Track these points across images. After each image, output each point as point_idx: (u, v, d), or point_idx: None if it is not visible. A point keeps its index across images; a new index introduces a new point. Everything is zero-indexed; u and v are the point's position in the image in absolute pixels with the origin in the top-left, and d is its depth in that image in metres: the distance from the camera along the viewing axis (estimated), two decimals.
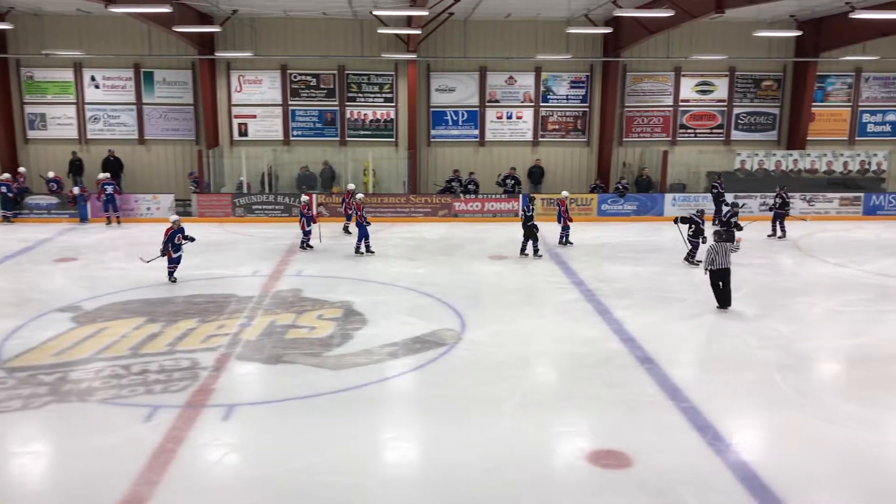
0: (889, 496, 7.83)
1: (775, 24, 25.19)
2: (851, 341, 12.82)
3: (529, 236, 18.66)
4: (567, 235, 20.12)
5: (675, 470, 8.27)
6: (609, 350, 12.11)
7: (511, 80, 26.46)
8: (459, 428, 9.30)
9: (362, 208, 19.16)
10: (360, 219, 19.03)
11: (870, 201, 24.95)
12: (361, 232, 19.07)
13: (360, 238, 19.09)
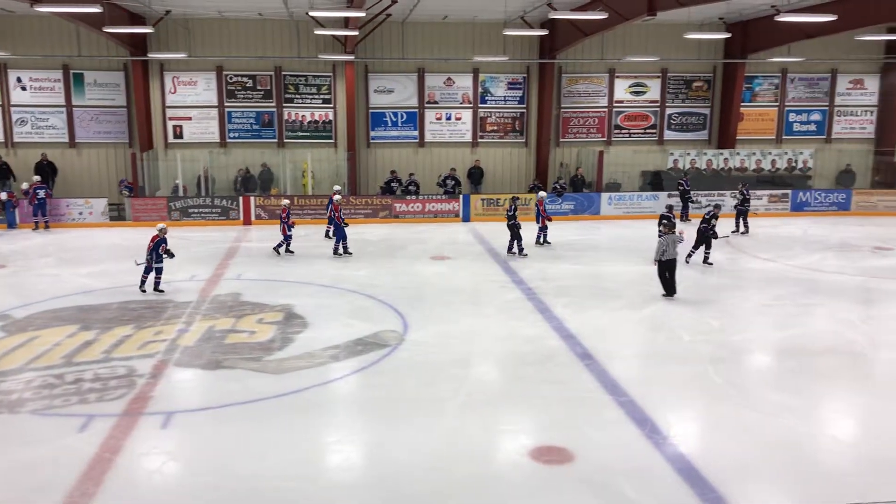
0: (818, 482, 8.13)
1: (705, 26, 25.87)
2: (781, 334, 13.25)
3: (514, 235, 18.90)
4: (545, 235, 20.39)
5: (615, 464, 8.44)
6: (550, 347, 12.28)
7: (449, 81, 26.58)
8: (403, 429, 9.31)
9: (340, 209, 19.18)
10: (338, 220, 19.06)
11: (797, 198, 25.82)
12: (339, 233, 19.09)
13: (338, 239, 19.12)
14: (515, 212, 18.86)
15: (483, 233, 22.41)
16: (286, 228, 18.97)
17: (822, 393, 10.67)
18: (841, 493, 7.61)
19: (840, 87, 28.44)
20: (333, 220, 19.39)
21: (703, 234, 17.58)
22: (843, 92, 28.51)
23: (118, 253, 19.22)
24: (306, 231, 22.58)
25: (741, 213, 21.98)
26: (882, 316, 14.53)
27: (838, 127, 28.72)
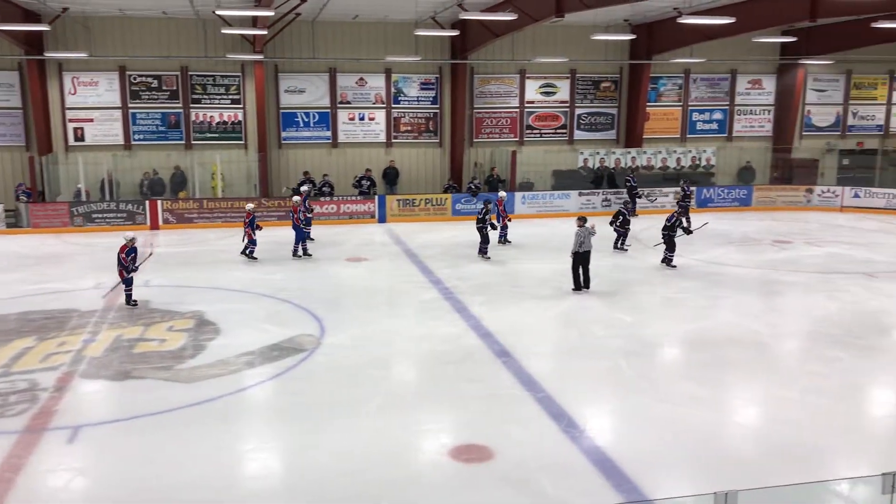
0: (727, 469, 8.43)
1: (611, 28, 26.52)
2: (689, 326, 13.71)
3: (483, 237, 18.93)
4: (506, 234, 20.51)
5: (534, 459, 8.55)
6: (468, 346, 12.36)
7: (362, 81, 26.44)
8: (322, 433, 9.21)
9: (299, 210, 18.99)
10: (297, 221, 18.92)
11: (701, 194, 26.76)
12: (298, 234, 18.95)
13: (297, 240, 18.98)
14: (486, 214, 18.82)
15: (399, 233, 22.39)
16: (251, 233, 18.42)
17: (729, 382, 11.09)
18: (747, 477, 7.91)
19: (740, 86, 29.62)
20: (293, 221, 19.24)
21: (670, 239, 17.76)
22: (743, 92, 29.71)
23: (16, 262, 18.36)
24: (216, 234, 22.08)
25: (682, 208, 22.93)
26: (782, 307, 15.21)
27: (738, 125, 29.91)
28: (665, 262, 17.88)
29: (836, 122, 30.72)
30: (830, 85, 30.43)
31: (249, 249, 18.71)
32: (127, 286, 14.62)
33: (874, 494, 5.41)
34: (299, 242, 19.06)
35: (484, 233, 18.91)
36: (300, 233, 19.02)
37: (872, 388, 11.18)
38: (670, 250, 17.80)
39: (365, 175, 25.42)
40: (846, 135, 30.78)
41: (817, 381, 11.02)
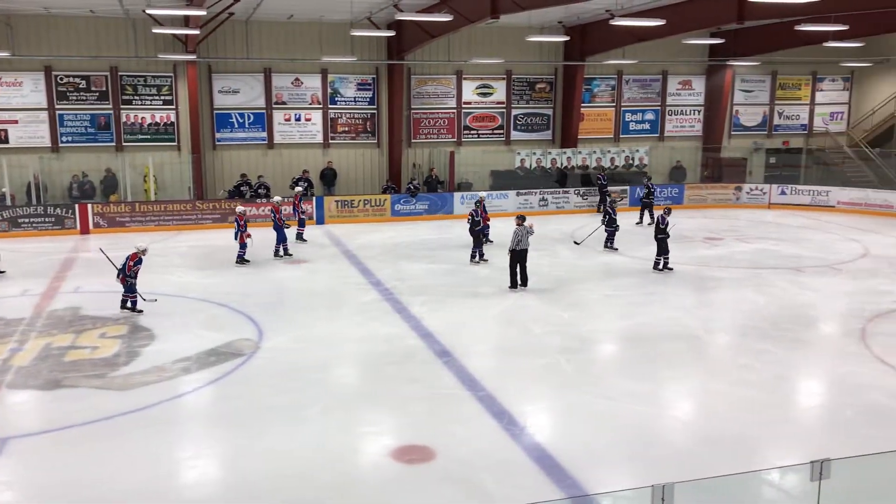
0: (664, 461, 8.64)
1: (545, 29, 26.83)
2: (625, 322, 13.98)
3: (476, 241, 18.48)
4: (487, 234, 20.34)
5: (476, 458, 8.61)
6: (409, 347, 12.36)
7: (298, 81, 26.17)
8: (262, 439, 9.10)
9: (281, 211, 19.02)
10: (279, 221, 18.88)
11: (635, 193, 27.30)
12: (279, 235, 18.99)
13: (279, 241, 18.99)
14: (480, 217, 18.46)
15: (338, 235, 22.24)
16: (243, 237, 18.03)
17: (664, 376, 11.34)
18: (683, 469, 8.11)
19: (670, 87, 30.30)
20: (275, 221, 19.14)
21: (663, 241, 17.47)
22: (674, 92, 30.40)
23: None
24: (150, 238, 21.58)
25: (645, 205, 23.80)
26: (714, 302, 15.63)
27: (670, 125, 30.59)
28: (662, 267, 17.49)
29: (763, 121, 31.70)
30: (757, 86, 31.39)
31: (241, 254, 18.35)
32: (131, 293, 14.14)
33: (803, 482, 5.61)
34: (280, 243, 19.05)
35: (479, 237, 18.49)
36: (281, 233, 18.99)
37: (800, 379, 11.59)
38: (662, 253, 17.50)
39: (302, 177, 25.18)
40: (773, 134, 31.78)
41: (748, 373, 11.36)
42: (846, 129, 32.22)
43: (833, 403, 10.56)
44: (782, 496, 6.67)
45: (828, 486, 5.49)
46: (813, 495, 5.55)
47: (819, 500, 5.54)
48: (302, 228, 21.25)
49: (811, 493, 5.55)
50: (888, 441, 8.68)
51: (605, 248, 19.78)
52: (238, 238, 18.09)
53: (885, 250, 19.88)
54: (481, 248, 18.56)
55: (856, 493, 6.11)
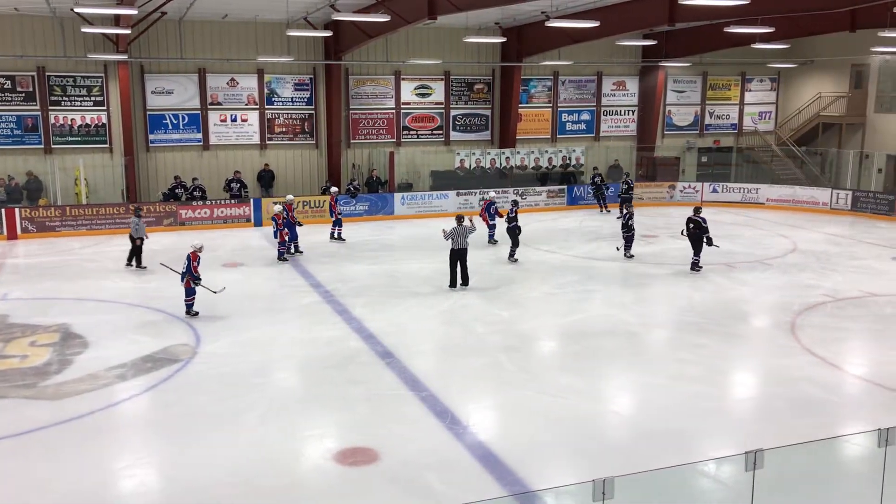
0: (605, 456, 8.79)
1: (482, 30, 26.99)
2: (565, 320, 14.17)
3: (513, 240, 18.50)
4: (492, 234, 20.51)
5: (420, 458, 8.63)
6: (351, 349, 12.30)
7: (233, 82, 25.78)
8: (201, 446, 8.94)
9: (293, 209, 19.40)
10: (292, 219, 19.23)
11: (572, 192, 27.68)
12: (292, 233, 19.22)
13: (291, 239, 19.22)
14: (517, 215, 18.58)
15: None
16: (283, 234, 18.69)
17: (603, 372, 11.54)
18: (624, 463, 8.27)
19: (605, 88, 30.80)
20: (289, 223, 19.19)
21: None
22: (608, 93, 30.91)
23: None
24: (82, 243, 21.00)
25: (624, 200, 24.13)
26: (650, 298, 15.96)
27: (605, 125, 31.09)
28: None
29: (695, 121, 32.47)
30: (688, 86, 32.13)
31: (286, 250, 18.99)
32: (190, 296, 14.04)
33: (738, 472, 5.77)
34: (293, 241, 19.36)
35: (516, 235, 18.47)
36: (293, 231, 19.30)
37: (734, 372, 11.92)
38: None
39: (234, 178, 24.80)
40: (704, 133, 32.58)
41: (684, 367, 11.64)
42: (774, 129, 33.24)
43: (765, 395, 10.89)
44: (719, 487, 6.85)
45: (761, 476, 5.67)
46: (747, 485, 5.71)
47: (753, 490, 5.70)
48: (339, 228, 21.50)
49: (746, 483, 5.71)
50: (817, 429, 9.00)
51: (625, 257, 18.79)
52: (277, 236, 18.81)
53: (812, 245, 20.58)
54: (516, 247, 18.61)
55: (788, 482, 6.32)
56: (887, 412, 9.84)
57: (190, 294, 14.02)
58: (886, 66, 28.95)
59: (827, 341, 12.77)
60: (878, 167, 28.34)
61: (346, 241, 21.26)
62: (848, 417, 9.94)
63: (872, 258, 18.98)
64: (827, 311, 14.56)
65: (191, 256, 13.92)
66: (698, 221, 17.43)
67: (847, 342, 13.08)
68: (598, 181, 26.79)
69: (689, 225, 17.57)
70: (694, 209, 18.01)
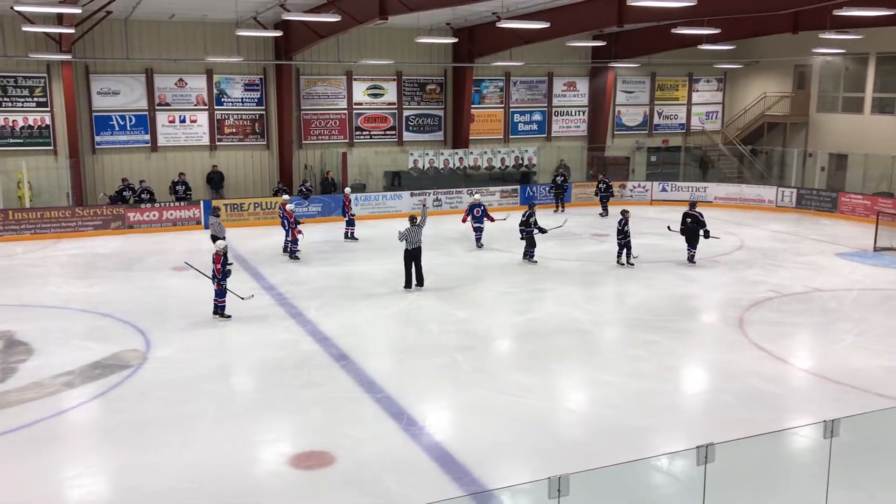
0: (560, 453, 8.86)
1: (434, 31, 27.01)
2: (519, 319, 14.26)
3: (529, 242, 18.39)
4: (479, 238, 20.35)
5: (376, 460, 8.60)
6: (305, 352, 12.20)
7: (182, 82, 25.37)
8: (153, 452, 8.78)
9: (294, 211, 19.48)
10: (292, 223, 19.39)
11: (525, 192, 27.86)
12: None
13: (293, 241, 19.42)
14: (534, 218, 18.41)
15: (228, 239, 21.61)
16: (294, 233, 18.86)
17: (558, 370, 11.64)
18: (579, 460, 8.34)
19: (556, 89, 31.06)
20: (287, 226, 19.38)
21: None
22: (559, 94, 31.18)
23: None
24: (25, 247, 20.47)
25: (604, 198, 24.69)
26: (602, 296, 16.16)
27: (556, 126, 31.36)
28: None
29: (644, 121, 32.95)
30: (637, 87, 32.59)
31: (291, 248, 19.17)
32: (221, 297, 13.94)
33: (690, 466, 5.87)
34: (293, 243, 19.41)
35: (531, 237, 18.36)
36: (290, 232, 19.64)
37: (685, 368, 12.13)
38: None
39: (179, 179, 24.39)
40: (653, 133, 33.08)
41: (636, 364, 11.80)
42: (721, 128, 33.90)
43: (715, 390, 11.10)
44: (671, 481, 6.96)
45: (713, 469, 5.77)
46: (699, 479, 5.81)
47: (705, 483, 5.81)
48: (352, 228, 21.62)
49: (698, 477, 5.81)
50: (766, 423, 9.19)
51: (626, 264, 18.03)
52: (290, 234, 18.93)
53: (758, 242, 21.04)
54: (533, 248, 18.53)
55: (738, 475, 6.45)
56: (832, 404, 10.10)
57: (221, 295, 13.94)
58: (827, 66, 29.75)
59: (774, 336, 13.07)
60: (821, 165, 29.12)
61: (358, 241, 21.33)
62: (795, 410, 10.19)
63: (816, 254, 19.49)
64: (773, 306, 14.90)
65: (214, 258, 13.87)
66: (695, 216, 17.90)
67: (793, 336, 13.41)
68: (559, 180, 26.97)
69: (687, 220, 18.00)
70: (690, 204, 18.54)
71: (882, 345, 12.57)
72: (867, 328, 13.48)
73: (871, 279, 17.03)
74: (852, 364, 11.69)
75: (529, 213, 18.55)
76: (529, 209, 18.73)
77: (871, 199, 24.56)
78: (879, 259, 18.89)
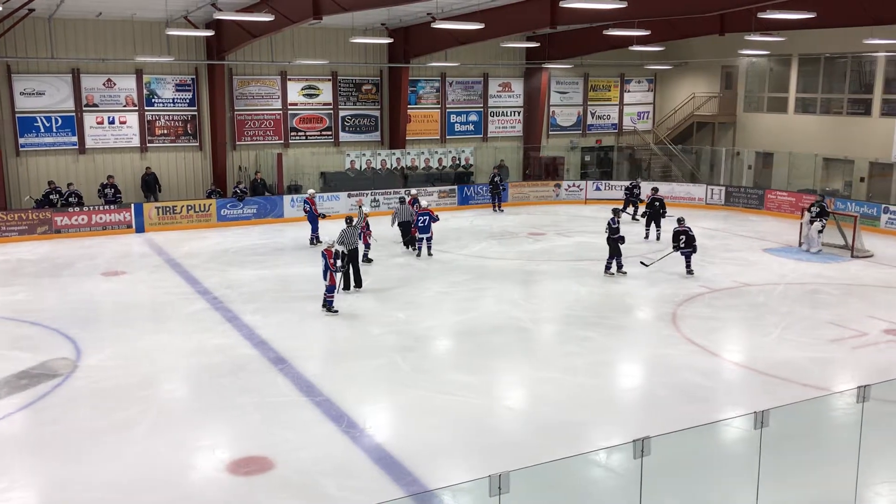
0: (500, 451, 8.93)
1: (369, 31, 26.91)
2: (458, 318, 14.31)
3: (615, 251, 17.05)
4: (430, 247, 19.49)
5: (315, 464, 8.53)
6: (242, 356, 12.02)
7: (110, 83, 24.69)
8: (85, 463, 8.54)
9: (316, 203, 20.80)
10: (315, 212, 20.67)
11: (463, 192, 27.98)
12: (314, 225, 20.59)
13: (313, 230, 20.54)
14: (619, 224, 17.17)
15: (160, 243, 21.20)
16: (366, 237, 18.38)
17: (497, 368, 11.73)
18: (518, 457, 8.41)
19: (492, 89, 31.27)
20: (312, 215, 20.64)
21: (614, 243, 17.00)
22: (495, 94, 31.40)
23: None
24: None
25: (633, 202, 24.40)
26: (539, 294, 16.34)
27: (493, 126, 31.57)
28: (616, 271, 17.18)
29: (578, 121, 33.42)
30: (571, 87, 33.04)
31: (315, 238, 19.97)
32: (331, 292, 14.26)
33: (627, 459, 5.98)
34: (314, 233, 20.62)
35: (618, 245, 16.98)
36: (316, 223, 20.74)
37: (620, 363, 12.37)
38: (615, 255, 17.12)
39: (108, 183, 23.73)
40: (587, 133, 33.58)
41: (573, 360, 11.98)
42: (652, 128, 34.63)
43: (650, 384, 11.35)
44: (609, 475, 7.09)
45: (649, 462, 5.89)
46: (636, 472, 5.93)
47: (642, 476, 5.93)
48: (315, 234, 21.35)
49: (635, 470, 5.93)
50: (699, 415, 9.43)
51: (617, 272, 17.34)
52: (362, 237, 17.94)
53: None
54: (620, 258, 17.19)
55: (674, 467, 6.60)
56: (762, 395, 10.42)
57: (331, 290, 14.27)
58: (753, 67, 30.67)
59: (705, 330, 13.42)
60: (749, 164, 30.02)
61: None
62: (727, 402, 10.48)
63: (745, 250, 20.08)
64: (705, 301, 15.30)
65: (325, 254, 14.17)
66: (686, 231, 17.19)
67: (724, 331, 13.79)
68: (497, 180, 27.08)
69: (680, 237, 17.20)
70: (678, 220, 17.70)
71: (807, 337, 13.03)
72: (793, 321, 13.95)
73: (796, 273, 17.63)
74: (780, 356, 12.09)
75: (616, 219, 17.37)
76: (616, 216, 17.45)
77: (795, 196, 25.42)
78: (804, 254, 19.56)
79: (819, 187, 26.59)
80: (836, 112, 27.65)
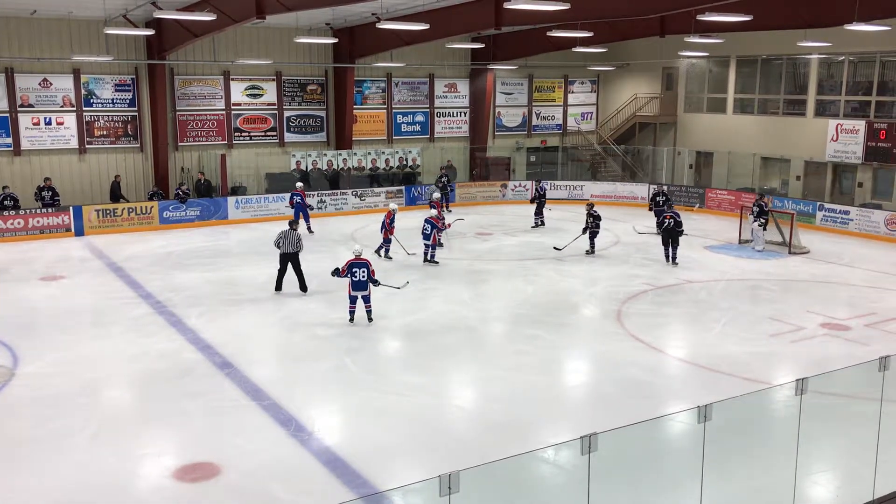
0: (450, 450, 8.96)
1: (313, 31, 26.70)
2: (407, 318, 14.30)
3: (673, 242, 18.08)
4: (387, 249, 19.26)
5: (263, 469, 8.44)
6: (187, 361, 11.82)
7: (46, 82, 24.02)
8: (20, 476, 8.29)
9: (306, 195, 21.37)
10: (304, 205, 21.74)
11: (411, 193, 27.97)
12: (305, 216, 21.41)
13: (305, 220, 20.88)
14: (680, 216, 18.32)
15: (101, 246, 20.70)
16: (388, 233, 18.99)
17: (446, 368, 11.77)
18: (468, 456, 8.45)
19: (438, 90, 31.32)
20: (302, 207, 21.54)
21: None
22: (441, 95, 31.45)
23: None
24: None
25: (540, 205, 24.19)
26: (487, 293, 16.42)
27: (439, 127, 31.62)
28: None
29: (523, 122, 33.69)
30: (516, 88, 33.29)
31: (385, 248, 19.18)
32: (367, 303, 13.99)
33: (575, 456, 6.06)
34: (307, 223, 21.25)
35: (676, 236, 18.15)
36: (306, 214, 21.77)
37: (568, 360, 12.52)
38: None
39: (45, 185, 23.08)
40: (532, 134, 33.87)
41: (521, 358, 12.08)
42: (595, 128, 35.11)
43: (596, 380, 11.51)
44: (558, 471, 7.17)
45: (596, 458, 5.98)
46: (584, 468, 6.01)
47: (590, 472, 6.01)
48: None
49: (582, 466, 6.01)
50: (645, 410, 9.59)
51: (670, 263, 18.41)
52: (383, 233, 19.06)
53: (633, 238, 21.91)
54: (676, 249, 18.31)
55: (621, 462, 6.71)
56: (705, 390, 10.66)
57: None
58: (692, 69, 31.32)
59: (650, 327, 13.67)
60: (689, 163, 30.65)
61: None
62: (671, 397, 10.69)
63: (687, 248, 20.45)
64: (649, 298, 15.58)
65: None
66: (674, 215, 18.36)
67: (667, 327, 14.07)
68: (444, 181, 27.02)
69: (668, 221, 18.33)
70: (588, 205, 19.44)
71: (748, 332, 13.36)
72: (735, 316, 14.30)
73: (737, 270, 18.07)
74: (722, 351, 12.39)
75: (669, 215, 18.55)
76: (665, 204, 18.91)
77: (735, 195, 26.06)
78: (745, 251, 20.06)
79: (757, 186, 27.30)
80: (773, 112, 28.41)
